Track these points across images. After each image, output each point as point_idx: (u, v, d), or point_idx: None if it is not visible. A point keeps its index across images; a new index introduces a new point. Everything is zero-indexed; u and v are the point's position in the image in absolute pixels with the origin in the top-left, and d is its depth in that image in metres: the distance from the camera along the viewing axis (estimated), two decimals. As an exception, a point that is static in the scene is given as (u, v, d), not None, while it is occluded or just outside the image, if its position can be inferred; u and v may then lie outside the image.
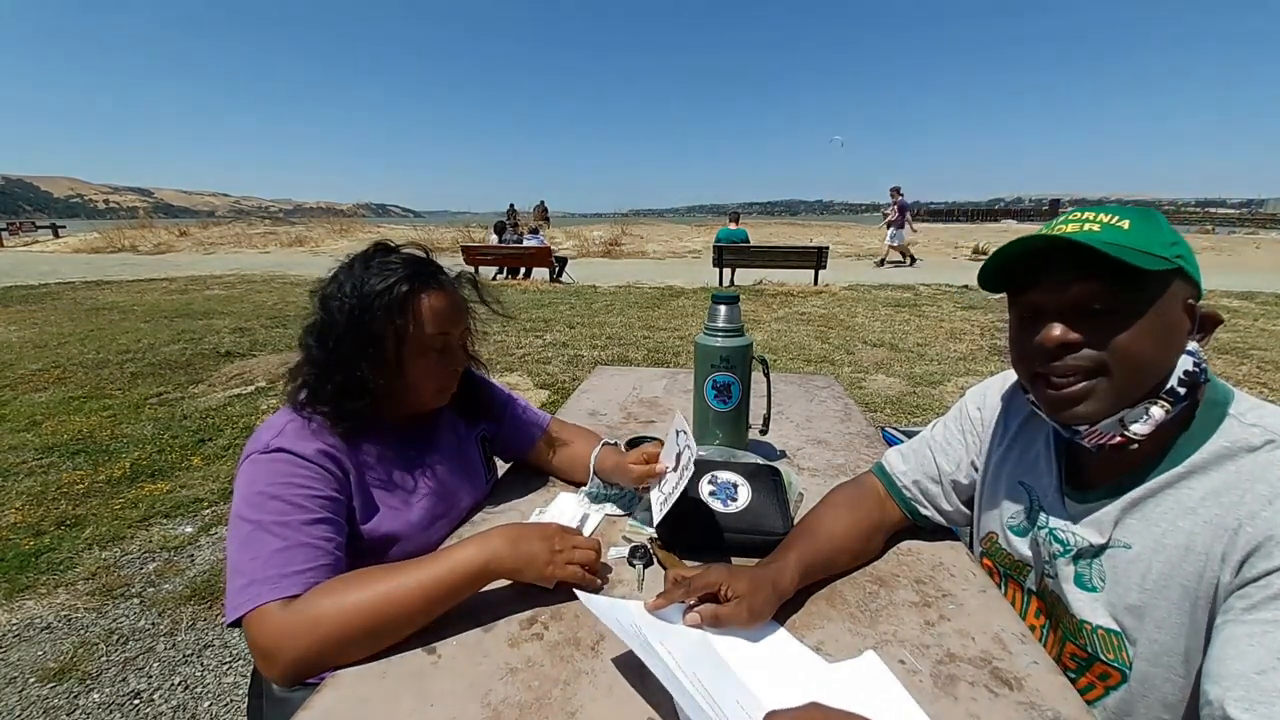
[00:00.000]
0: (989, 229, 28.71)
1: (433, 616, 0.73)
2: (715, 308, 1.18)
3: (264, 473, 0.79)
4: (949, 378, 4.41)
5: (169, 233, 20.06)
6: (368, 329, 0.84)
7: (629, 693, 0.64)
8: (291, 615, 0.69)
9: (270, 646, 0.68)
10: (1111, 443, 0.66)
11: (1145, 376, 0.62)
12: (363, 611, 0.69)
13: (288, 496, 0.77)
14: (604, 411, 1.56)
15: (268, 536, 0.74)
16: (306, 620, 0.68)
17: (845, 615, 0.77)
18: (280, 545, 0.74)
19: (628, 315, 6.81)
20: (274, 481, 0.78)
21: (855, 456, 1.28)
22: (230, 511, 0.79)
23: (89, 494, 2.74)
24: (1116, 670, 0.68)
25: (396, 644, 0.70)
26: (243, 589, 0.71)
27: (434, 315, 0.88)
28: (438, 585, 0.72)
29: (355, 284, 0.85)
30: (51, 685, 1.68)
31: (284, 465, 0.79)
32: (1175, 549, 0.63)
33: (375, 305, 0.84)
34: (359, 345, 0.84)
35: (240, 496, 0.78)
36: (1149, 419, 0.63)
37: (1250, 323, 6.27)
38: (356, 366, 0.84)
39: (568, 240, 17.00)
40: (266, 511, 0.76)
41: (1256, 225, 33.80)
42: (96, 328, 6.10)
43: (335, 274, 0.89)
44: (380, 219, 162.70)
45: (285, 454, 0.80)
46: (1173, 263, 0.60)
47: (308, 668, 0.68)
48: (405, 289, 0.85)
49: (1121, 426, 0.64)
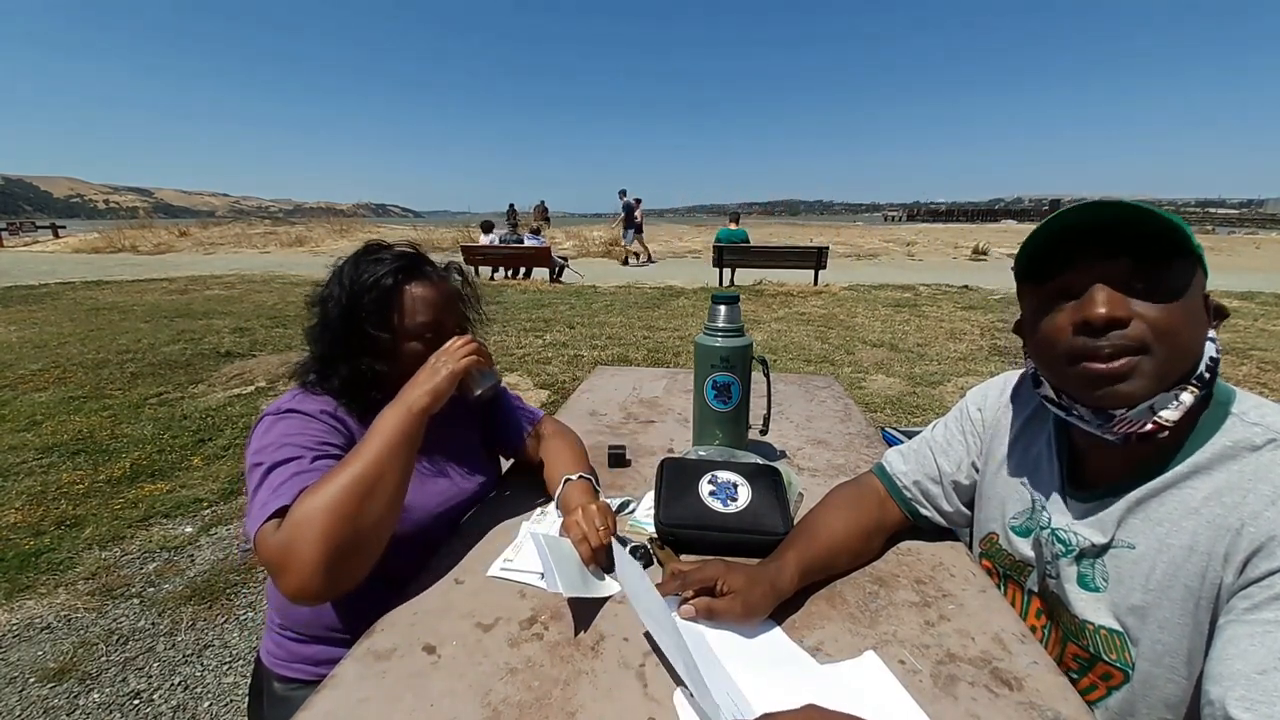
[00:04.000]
0: (989, 229, 28.68)
1: (404, 472, 0.81)
2: (715, 308, 1.18)
3: (277, 428, 0.85)
4: (949, 378, 4.41)
5: (169, 233, 20.05)
6: (360, 322, 0.89)
7: (629, 693, 0.64)
8: (284, 525, 0.72)
9: (277, 559, 0.71)
10: (1141, 431, 0.63)
11: (1185, 357, 0.62)
12: (346, 489, 0.74)
13: (297, 441, 0.83)
14: (604, 411, 1.56)
15: (275, 472, 0.79)
16: (296, 522, 0.71)
17: (845, 615, 0.77)
18: (285, 476, 0.78)
19: (628, 315, 6.81)
20: (286, 433, 0.84)
21: (855, 456, 1.28)
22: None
23: (89, 494, 2.74)
24: (1119, 670, 0.68)
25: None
26: (251, 518, 0.75)
27: (422, 304, 0.93)
28: (389, 442, 0.80)
29: (346, 282, 0.91)
30: (51, 685, 1.68)
31: (296, 421, 0.86)
32: (1179, 549, 0.63)
33: (365, 299, 0.89)
34: (355, 338, 0.90)
35: (253, 449, 0.83)
36: (1179, 405, 0.62)
37: (1250, 323, 6.27)
38: (358, 359, 0.90)
39: (568, 240, 17.00)
40: (278, 454, 0.81)
41: (1256, 225, 33.78)
42: (96, 328, 6.10)
43: (330, 275, 0.95)
44: (380, 219, 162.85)
45: (297, 413, 0.87)
46: (1195, 252, 0.61)
47: (322, 569, 0.70)
48: (390, 282, 0.91)
49: (1151, 413, 0.62)
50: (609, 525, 0.87)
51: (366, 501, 0.75)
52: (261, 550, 0.72)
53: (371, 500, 0.75)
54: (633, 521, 1.00)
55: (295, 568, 0.70)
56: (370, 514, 0.75)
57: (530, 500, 1.08)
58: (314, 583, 0.70)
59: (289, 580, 0.70)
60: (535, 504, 1.06)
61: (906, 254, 15.63)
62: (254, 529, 0.74)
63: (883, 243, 17.89)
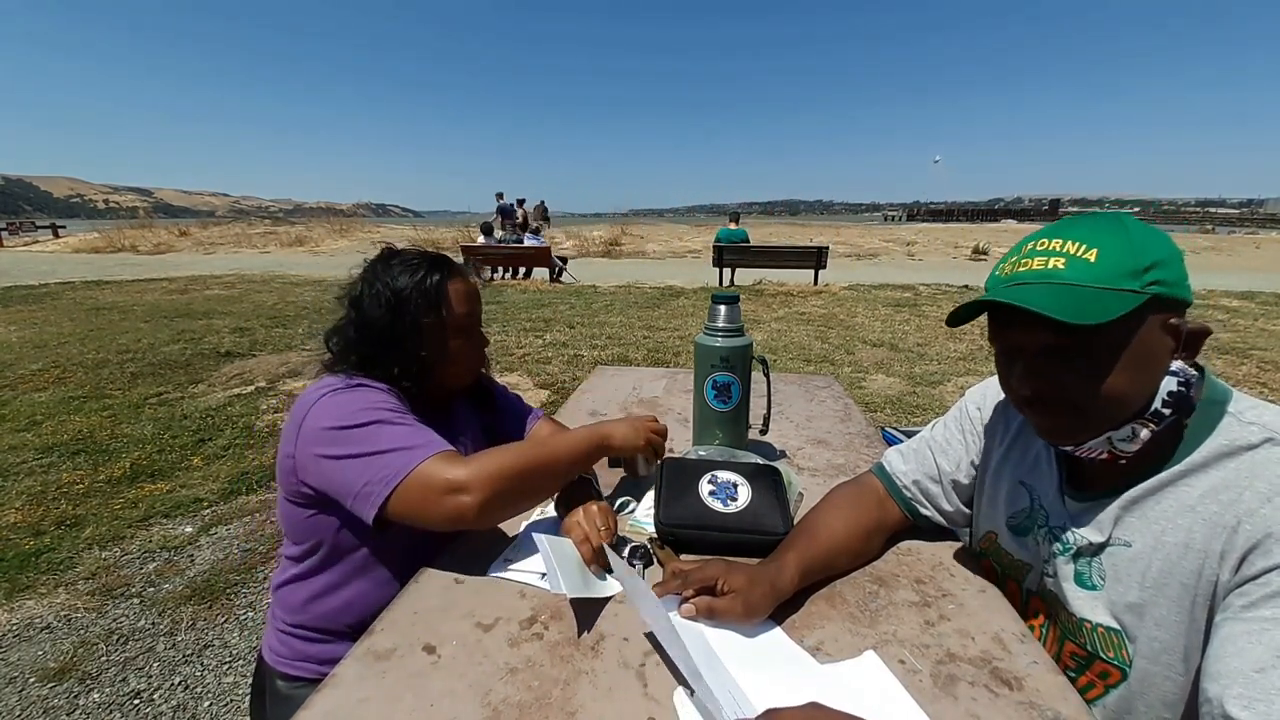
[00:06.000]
0: (989, 229, 28.72)
1: (571, 474, 0.91)
2: (715, 308, 1.18)
3: (356, 397, 0.85)
4: (949, 378, 4.41)
5: (169, 233, 20.06)
6: (410, 319, 0.92)
7: (629, 693, 0.64)
8: (470, 462, 0.78)
9: (456, 481, 0.76)
10: (1102, 458, 0.67)
11: (1121, 408, 0.63)
12: (529, 461, 0.83)
13: (390, 407, 0.85)
14: (604, 411, 1.56)
15: (393, 426, 0.81)
16: (488, 463, 0.79)
17: (845, 615, 0.77)
18: (410, 428, 0.82)
19: (628, 315, 6.81)
20: (371, 400, 0.85)
21: (855, 456, 1.28)
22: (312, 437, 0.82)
23: (89, 494, 2.74)
24: (1116, 668, 0.68)
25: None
26: (400, 457, 0.78)
27: (462, 298, 0.98)
28: (576, 448, 0.90)
29: (387, 282, 0.93)
30: (51, 685, 1.69)
31: (372, 392, 0.87)
32: (1175, 547, 0.63)
33: (413, 296, 0.92)
34: (402, 335, 0.92)
35: (336, 416, 0.82)
36: (1136, 439, 0.64)
37: (1250, 323, 6.28)
38: (401, 356, 0.92)
39: (568, 240, 17.00)
40: (380, 414, 0.82)
41: (1256, 225, 33.78)
42: (96, 328, 6.10)
43: (361, 277, 0.96)
44: (380, 219, 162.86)
45: (368, 387, 0.88)
46: (1143, 294, 0.58)
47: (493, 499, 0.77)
48: (436, 278, 0.95)
49: (1109, 445, 0.66)
50: (610, 526, 0.87)
51: (537, 476, 0.84)
52: (430, 478, 0.76)
53: (541, 477, 0.85)
54: (633, 521, 1.00)
55: (471, 492, 0.76)
56: (534, 485, 0.85)
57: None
58: (474, 508, 0.76)
59: (458, 501, 0.76)
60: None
61: (906, 254, 15.64)
62: (412, 464, 0.77)
63: (883, 243, 17.89)
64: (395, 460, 0.78)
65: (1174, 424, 0.65)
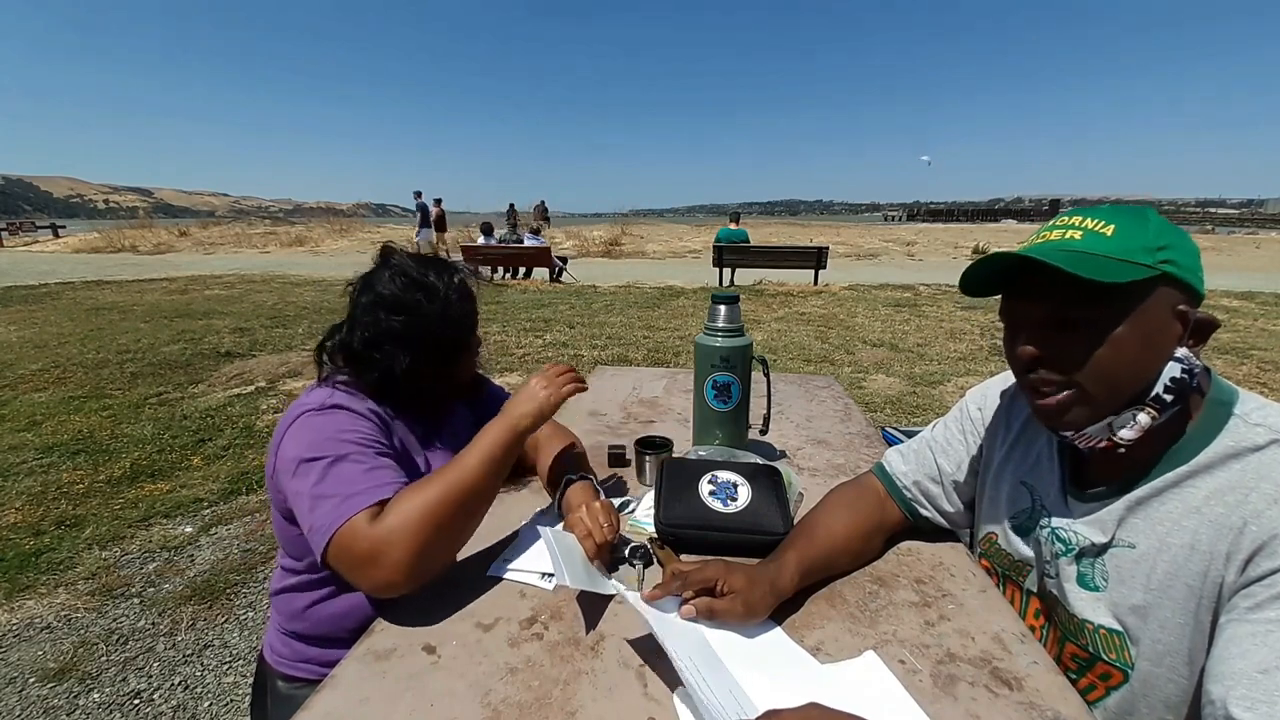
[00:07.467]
0: (989, 229, 28.72)
1: (496, 487, 0.84)
2: (715, 308, 1.18)
3: (327, 423, 0.83)
4: (949, 378, 4.41)
5: (169, 233, 20.07)
6: (408, 323, 0.91)
7: (629, 693, 0.64)
8: (383, 519, 0.73)
9: (367, 553, 0.72)
10: (1101, 446, 0.66)
11: (1120, 388, 0.62)
12: (444, 497, 0.76)
13: (356, 438, 0.82)
14: (604, 411, 1.56)
15: (348, 464, 0.78)
16: (398, 518, 0.73)
17: (845, 615, 0.77)
18: (365, 468, 0.79)
19: (628, 315, 6.81)
20: (340, 428, 0.83)
21: (855, 456, 1.28)
22: (284, 465, 0.81)
23: (89, 494, 2.74)
24: (1118, 670, 0.68)
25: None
26: (335, 508, 0.74)
27: (474, 311, 1.01)
28: (489, 452, 0.82)
29: (387, 285, 0.92)
30: (51, 685, 1.68)
31: (345, 417, 0.84)
32: (1180, 548, 0.63)
33: (411, 301, 0.91)
34: (400, 340, 0.91)
35: (304, 444, 0.80)
36: (1136, 425, 0.64)
37: (1250, 323, 6.28)
38: (398, 359, 0.91)
39: (568, 240, 17.00)
40: (342, 447, 0.80)
41: (1256, 225, 33.77)
42: (96, 328, 6.10)
43: (361, 280, 0.95)
44: (380, 219, 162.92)
45: (343, 410, 0.85)
46: (1155, 269, 0.59)
47: (416, 561, 0.73)
48: (434, 282, 0.94)
49: (1110, 431, 0.65)
50: (613, 522, 0.87)
51: (461, 509, 0.78)
52: (351, 542, 0.72)
53: (465, 509, 0.79)
54: (633, 521, 1.00)
55: (387, 564, 0.72)
56: (461, 522, 0.79)
57: (530, 500, 1.08)
58: (399, 580, 0.72)
59: (377, 575, 0.72)
60: (535, 504, 1.06)
61: (906, 254, 15.64)
62: (339, 520, 0.73)
63: (883, 243, 17.89)
64: (331, 512, 0.74)
65: (1176, 416, 0.64)
